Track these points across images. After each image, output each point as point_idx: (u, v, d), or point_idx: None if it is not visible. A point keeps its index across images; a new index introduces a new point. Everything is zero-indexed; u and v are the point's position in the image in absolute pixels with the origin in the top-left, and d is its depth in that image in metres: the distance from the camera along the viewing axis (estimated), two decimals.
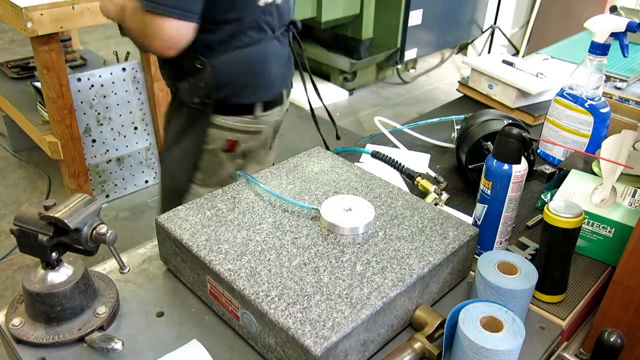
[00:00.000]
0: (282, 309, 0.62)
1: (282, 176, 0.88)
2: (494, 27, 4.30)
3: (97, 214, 0.66)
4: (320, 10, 3.31)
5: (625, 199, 0.86)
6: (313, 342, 0.58)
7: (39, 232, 0.64)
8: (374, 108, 3.65)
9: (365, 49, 3.69)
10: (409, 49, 3.80)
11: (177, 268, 0.78)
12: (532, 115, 1.31)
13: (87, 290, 0.69)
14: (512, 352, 0.59)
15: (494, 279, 0.69)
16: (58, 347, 0.67)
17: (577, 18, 2.11)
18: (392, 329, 0.69)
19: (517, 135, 0.76)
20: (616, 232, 0.82)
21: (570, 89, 1.08)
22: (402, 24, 3.63)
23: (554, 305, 0.77)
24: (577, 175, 0.93)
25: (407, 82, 4.12)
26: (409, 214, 0.80)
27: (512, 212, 0.81)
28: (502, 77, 1.34)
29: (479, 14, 4.32)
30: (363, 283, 0.66)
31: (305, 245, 0.73)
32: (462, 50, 4.60)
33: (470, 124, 1.02)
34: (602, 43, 1.02)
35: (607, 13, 1.58)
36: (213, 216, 0.77)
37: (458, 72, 4.39)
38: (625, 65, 1.45)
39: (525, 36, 4.24)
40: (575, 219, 0.71)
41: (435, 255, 0.72)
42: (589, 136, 1.07)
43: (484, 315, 0.62)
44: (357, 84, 3.86)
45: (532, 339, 0.71)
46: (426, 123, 1.23)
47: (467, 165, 0.99)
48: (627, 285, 0.72)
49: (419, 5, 3.65)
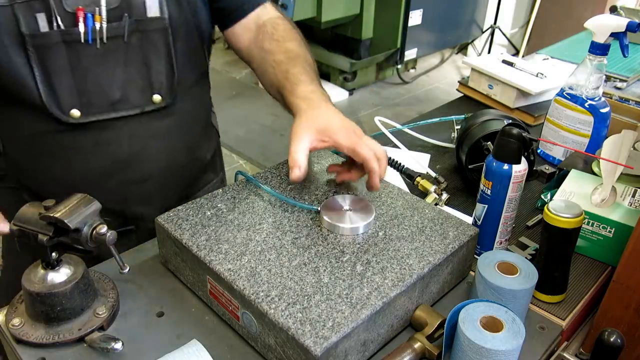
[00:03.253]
0: (282, 309, 0.62)
1: (282, 176, 0.88)
2: (494, 27, 4.31)
3: (97, 214, 0.66)
4: (320, 10, 3.31)
5: (625, 199, 0.86)
6: (313, 342, 0.58)
7: (39, 232, 0.64)
8: (374, 108, 3.65)
9: (365, 49, 3.69)
10: (409, 49, 3.80)
11: (177, 268, 0.78)
12: (532, 115, 1.31)
13: (87, 290, 0.69)
14: (512, 352, 0.59)
15: (494, 279, 0.69)
16: (58, 347, 0.67)
17: (577, 18, 2.11)
18: (392, 329, 0.69)
19: (517, 135, 0.76)
20: (616, 232, 0.82)
21: (570, 89, 1.08)
22: (402, 24, 3.64)
23: (554, 305, 0.77)
24: (577, 175, 0.93)
25: (407, 82, 4.12)
26: (409, 214, 0.80)
27: (512, 212, 0.81)
28: (502, 77, 1.34)
29: (479, 14, 4.32)
30: (363, 283, 0.66)
31: (305, 245, 0.73)
32: (462, 50, 4.60)
33: (470, 124, 1.02)
34: (602, 43, 1.02)
35: (607, 13, 1.58)
36: (213, 216, 0.77)
37: (458, 72, 4.39)
38: (625, 65, 1.45)
39: (525, 36, 4.24)
40: (575, 219, 0.71)
41: (435, 255, 0.72)
42: (589, 136, 1.07)
43: (484, 315, 0.63)
44: (357, 84, 3.87)
45: (532, 339, 0.71)
46: (426, 123, 1.23)
47: (467, 165, 0.99)
48: (627, 285, 0.72)
49: (419, 5, 3.65)
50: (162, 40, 0.88)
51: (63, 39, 0.82)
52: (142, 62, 0.89)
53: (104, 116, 0.88)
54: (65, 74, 0.84)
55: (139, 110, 0.91)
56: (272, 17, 0.98)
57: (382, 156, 0.78)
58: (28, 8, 0.78)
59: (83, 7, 0.81)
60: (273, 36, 0.95)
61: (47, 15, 0.80)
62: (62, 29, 0.81)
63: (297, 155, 0.75)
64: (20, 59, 0.81)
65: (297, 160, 0.75)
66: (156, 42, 0.88)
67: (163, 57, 0.90)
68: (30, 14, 0.79)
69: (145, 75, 0.90)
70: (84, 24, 0.81)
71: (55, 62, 0.83)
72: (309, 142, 0.76)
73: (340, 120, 0.79)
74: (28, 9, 0.79)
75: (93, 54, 0.84)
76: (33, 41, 0.80)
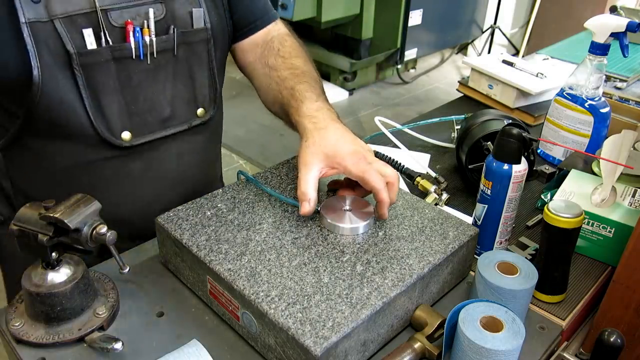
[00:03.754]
0: (282, 309, 0.62)
1: (282, 176, 0.88)
2: (494, 27, 4.31)
3: (97, 214, 0.66)
4: (320, 10, 3.32)
5: (625, 199, 0.86)
6: (313, 342, 0.58)
7: (39, 232, 0.64)
8: (374, 108, 3.65)
9: (365, 49, 3.69)
10: (409, 49, 3.80)
11: (177, 268, 0.78)
12: (532, 115, 1.31)
13: (87, 290, 0.69)
14: (512, 352, 0.59)
15: (494, 279, 0.69)
16: (58, 347, 0.67)
17: (577, 18, 2.11)
18: (392, 329, 0.69)
19: (517, 135, 0.76)
20: (616, 232, 0.82)
21: (570, 89, 1.08)
22: (402, 24, 3.64)
23: (554, 305, 0.77)
24: (577, 175, 0.93)
25: (407, 82, 4.12)
26: (409, 214, 0.80)
27: (512, 212, 0.81)
28: (502, 77, 1.34)
29: (479, 14, 4.32)
30: (363, 283, 0.66)
31: (305, 245, 0.73)
32: (462, 50, 4.60)
33: (470, 124, 1.02)
34: (602, 43, 1.01)
35: (607, 13, 1.58)
36: (213, 216, 0.77)
37: (458, 72, 4.39)
38: (625, 65, 1.45)
39: (525, 36, 4.24)
40: (575, 219, 0.71)
41: (435, 255, 0.72)
42: (589, 136, 1.07)
43: (483, 315, 0.63)
44: (357, 84, 3.87)
45: (532, 339, 0.71)
46: (426, 123, 1.23)
47: (467, 165, 0.99)
48: (627, 285, 0.72)
49: (419, 5, 3.65)
50: (205, 51, 0.86)
51: (113, 55, 0.76)
52: (187, 75, 0.85)
53: (155, 136, 0.84)
54: (115, 94, 0.78)
55: (187, 125, 0.87)
56: (281, 34, 0.96)
57: (393, 180, 0.75)
58: (71, 23, 0.72)
59: (131, 20, 0.76)
60: (279, 52, 0.93)
61: (94, 31, 0.74)
62: (111, 45, 0.75)
63: (306, 188, 0.73)
64: (66, 80, 0.74)
65: (307, 194, 0.73)
66: (200, 54, 0.85)
67: (206, 69, 0.87)
68: (75, 29, 0.72)
69: (190, 89, 0.87)
70: (133, 39, 0.76)
71: (105, 82, 0.77)
72: (318, 171, 0.74)
73: (349, 144, 0.76)
74: (71, 24, 0.72)
75: (144, 69, 0.79)
76: (80, 60, 0.73)
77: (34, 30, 0.70)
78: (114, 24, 0.75)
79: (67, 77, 0.74)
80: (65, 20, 0.71)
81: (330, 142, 0.75)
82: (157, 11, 0.79)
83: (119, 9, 0.75)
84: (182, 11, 0.81)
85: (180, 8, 0.81)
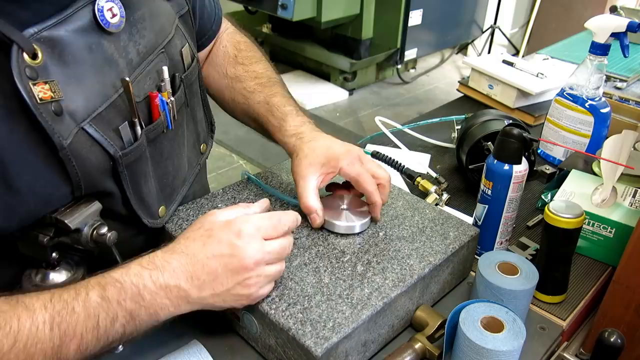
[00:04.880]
0: (283, 309, 0.62)
1: (282, 176, 0.88)
2: (494, 27, 4.30)
3: (97, 214, 0.66)
4: (320, 10, 3.31)
5: (625, 199, 0.86)
6: (314, 343, 0.58)
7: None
8: (374, 108, 3.65)
9: (365, 49, 3.69)
10: (409, 49, 3.80)
11: None
12: (532, 115, 1.31)
13: None
14: (513, 352, 0.59)
15: (495, 279, 0.69)
16: None
17: (577, 18, 2.11)
18: (393, 330, 0.69)
19: (517, 135, 0.76)
20: (616, 233, 0.82)
21: (571, 89, 1.08)
22: (402, 24, 3.63)
23: (555, 305, 0.77)
24: (577, 175, 0.93)
25: (407, 82, 4.12)
26: (409, 214, 0.80)
27: (513, 213, 0.81)
28: (502, 77, 1.34)
29: (479, 14, 4.32)
30: (363, 283, 0.66)
31: (306, 245, 0.73)
32: (462, 50, 4.60)
33: (471, 124, 1.02)
34: (602, 43, 1.01)
35: (607, 13, 1.58)
36: None
37: (458, 72, 4.39)
38: (626, 65, 1.45)
39: (525, 36, 4.24)
40: (575, 219, 0.71)
41: (436, 255, 0.72)
42: (589, 136, 1.07)
43: (484, 316, 0.62)
44: (357, 84, 3.86)
45: (533, 339, 0.71)
46: (426, 123, 1.23)
47: (468, 165, 0.99)
48: (627, 285, 0.72)
49: (419, 5, 3.65)
50: (198, 87, 0.78)
51: (148, 138, 0.65)
52: (191, 117, 0.77)
53: (180, 196, 0.77)
54: (153, 177, 0.69)
55: (198, 168, 0.82)
56: (231, 34, 0.89)
57: (385, 182, 0.75)
58: (102, 122, 0.58)
59: (150, 89, 0.65)
60: (237, 59, 0.86)
61: (129, 123, 0.62)
62: (146, 128, 0.64)
63: (309, 200, 0.72)
64: (111, 184, 0.63)
65: (312, 207, 0.72)
66: (196, 91, 0.78)
67: (201, 105, 0.81)
68: (109, 128, 0.59)
69: (194, 132, 0.79)
70: (163, 111, 0.66)
71: (145, 170, 0.66)
72: (316, 181, 0.74)
73: (341, 145, 0.76)
74: (103, 123, 0.58)
75: (169, 137, 0.70)
76: (125, 160, 0.61)
77: (74, 151, 0.55)
78: (137, 99, 0.62)
79: (111, 182, 0.63)
80: (99, 121, 0.58)
81: (321, 151, 0.75)
82: (164, 63, 0.68)
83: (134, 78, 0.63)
84: (175, 52, 0.71)
85: (173, 50, 0.70)
